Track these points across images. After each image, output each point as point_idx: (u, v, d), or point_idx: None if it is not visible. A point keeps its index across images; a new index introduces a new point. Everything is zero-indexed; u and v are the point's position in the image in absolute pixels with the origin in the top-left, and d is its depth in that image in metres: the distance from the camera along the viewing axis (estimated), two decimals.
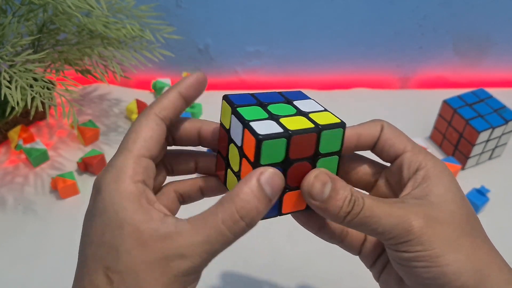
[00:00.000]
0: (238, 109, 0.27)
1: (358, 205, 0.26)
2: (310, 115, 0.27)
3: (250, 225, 0.24)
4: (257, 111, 0.27)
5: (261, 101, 0.28)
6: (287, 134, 0.25)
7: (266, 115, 0.27)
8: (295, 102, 0.29)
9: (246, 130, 0.26)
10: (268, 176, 0.24)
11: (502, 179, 0.61)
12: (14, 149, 0.62)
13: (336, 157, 0.28)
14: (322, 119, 0.27)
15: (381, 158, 0.31)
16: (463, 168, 0.62)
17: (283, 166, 0.26)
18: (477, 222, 0.28)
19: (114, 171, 0.25)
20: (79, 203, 0.57)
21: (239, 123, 0.26)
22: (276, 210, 0.28)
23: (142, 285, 0.23)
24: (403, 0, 0.69)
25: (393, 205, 0.26)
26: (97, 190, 0.25)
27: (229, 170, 0.29)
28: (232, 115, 0.27)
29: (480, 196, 0.56)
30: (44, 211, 0.56)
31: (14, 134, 0.62)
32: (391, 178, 0.30)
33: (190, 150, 0.32)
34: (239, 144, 0.27)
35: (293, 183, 0.27)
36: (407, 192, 0.28)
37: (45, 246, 0.52)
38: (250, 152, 0.26)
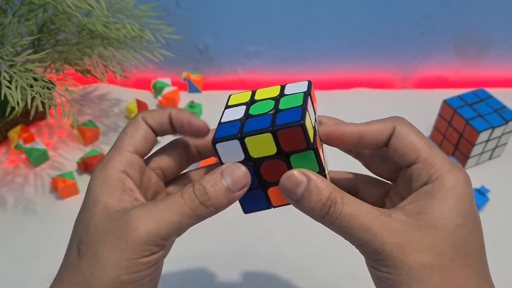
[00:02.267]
0: (225, 110, 0.29)
1: (335, 211, 0.25)
2: (280, 113, 0.27)
3: (205, 204, 0.26)
4: (239, 110, 0.29)
5: (253, 99, 0.30)
6: (238, 136, 0.27)
7: (241, 115, 0.28)
8: (284, 98, 0.29)
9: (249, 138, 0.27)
10: (230, 169, 0.27)
11: (502, 179, 0.61)
12: (14, 149, 0.62)
13: (310, 152, 0.27)
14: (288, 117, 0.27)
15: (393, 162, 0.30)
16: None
17: (252, 164, 0.27)
18: (470, 254, 0.26)
19: (102, 162, 0.29)
20: (79, 203, 0.56)
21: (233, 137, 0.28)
22: (265, 203, 0.29)
23: (99, 251, 0.25)
24: (403, 0, 0.69)
25: (374, 219, 0.25)
26: (90, 179, 0.29)
27: None
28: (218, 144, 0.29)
29: (480, 196, 0.56)
30: (44, 211, 0.56)
31: (14, 134, 0.62)
32: (406, 180, 0.29)
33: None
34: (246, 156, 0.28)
35: (272, 179, 0.28)
36: (403, 205, 0.27)
37: (45, 246, 0.52)
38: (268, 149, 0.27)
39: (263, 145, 0.27)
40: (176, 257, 0.34)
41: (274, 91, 0.30)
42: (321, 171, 0.28)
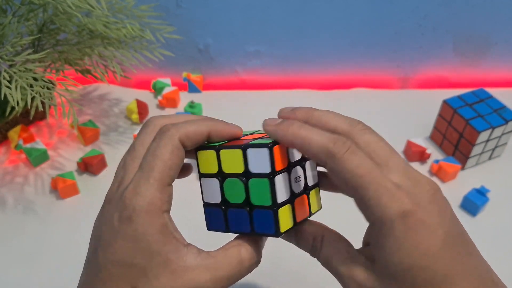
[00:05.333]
0: (200, 178, 0.30)
1: None
2: (255, 213, 0.29)
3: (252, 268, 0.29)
4: (214, 185, 0.30)
5: (221, 171, 0.29)
6: (228, 231, 0.30)
7: (219, 197, 0.30)
8: (252, 181, 0.28)
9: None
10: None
11: (502, 179, 0.61)
12: (14, 149, 0.62)
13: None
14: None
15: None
16: (463, 168, 0.62)
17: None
18: None
19: (143, 201, 0.26)
20: (79, 203, 0.57)
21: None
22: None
23: None
24: (403, 0, 0.69)
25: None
26: (127, 217, 0.26)
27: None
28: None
29: (480, 196, 0.56)
30: (44, 211, 0.56)
31: (14, 134, 0.62)
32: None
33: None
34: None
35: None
36: (365, 245, 0.29)
37: (45, 246, 0.52)
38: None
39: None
40: None
41: (238, 161, 0.28)
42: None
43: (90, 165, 0.59)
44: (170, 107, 0.71)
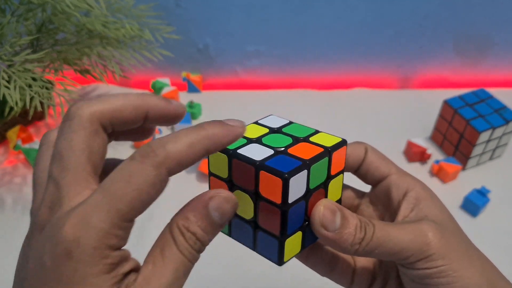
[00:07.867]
0: (238, 151, 0.25)
1: (370, 229, 0.25)
2: (310, 139, 0.26)
3: (200, 250, 0.23)
4: (258, 148, 0.25)
5: (250, 138, 0.26)
6: (307, 165, 0.24)
7: (272, 151, 0.25)
8: (283, 130, 0.27)
9: (262, 172, 0.23)
10: (217, 202, 0.22)
11: (502, 179, 0.61)
12: (13, 149, 0.62)
13: (341, 176, 0.27)
14: (324, 140, 0.26)
15: (364, 180, 0.30)
16: (463, 169, 0.62)
17: (305, 198, 0.25)
18: (462, 237, 0.28)
19: (94, 232, 0.20)
20: None
21: (249, 166, 0.24)
22: (276, 254, 0.26)
23: None
24: (403, 0, 0.69)
25: (402, 224, 0.26)
26: (66, 252, 0.20)
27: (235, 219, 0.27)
28: (233, 160, 0.25)
29: (480, 196, 0.56)
30: None
31: (12, 134, 0.62)
32: (376, 201, 0.30)
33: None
34: (251, 188, 0.24)
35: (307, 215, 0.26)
36: (406, 215, 0.28)
37: None
38: (274, 194, 0.24)
39: (319, 172, 0.25)
40: None
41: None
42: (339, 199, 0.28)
43: None
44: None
